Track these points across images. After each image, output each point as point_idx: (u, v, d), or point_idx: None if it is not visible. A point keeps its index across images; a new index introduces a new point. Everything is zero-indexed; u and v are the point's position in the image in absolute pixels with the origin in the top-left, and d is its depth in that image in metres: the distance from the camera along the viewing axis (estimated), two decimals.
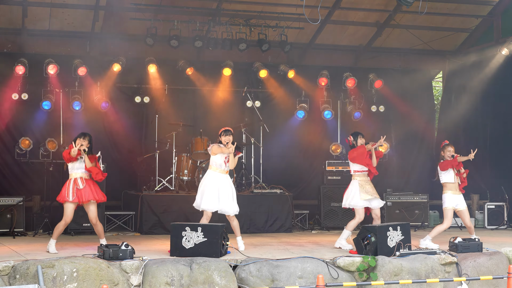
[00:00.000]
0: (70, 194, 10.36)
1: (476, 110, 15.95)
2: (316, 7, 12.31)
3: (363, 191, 11.17)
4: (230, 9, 14.70)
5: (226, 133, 10.56)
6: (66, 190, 10.40)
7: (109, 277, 8.93)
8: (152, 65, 14.71)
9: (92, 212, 10.55)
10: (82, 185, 10.39)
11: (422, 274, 9.69)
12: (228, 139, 10.51)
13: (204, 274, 9.14)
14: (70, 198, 10.34)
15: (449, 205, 11.22)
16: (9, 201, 13.01)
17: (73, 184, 10.40)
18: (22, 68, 13.90)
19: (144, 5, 14.20)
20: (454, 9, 15.33)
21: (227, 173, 10.71)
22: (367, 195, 11.15)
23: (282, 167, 15.79)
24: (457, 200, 11.29)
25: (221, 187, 10.57)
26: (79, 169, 10.47)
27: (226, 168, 10.67)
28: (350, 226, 11.25)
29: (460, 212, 11.35)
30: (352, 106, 15.91)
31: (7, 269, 8.83)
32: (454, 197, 11.26)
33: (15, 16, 14.03)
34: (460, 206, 11.28)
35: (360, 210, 11.22)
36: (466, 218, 11.39)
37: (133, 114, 15.14)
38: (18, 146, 13.95)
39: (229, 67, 15.15)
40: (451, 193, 11.26)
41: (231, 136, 10.55)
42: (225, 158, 10.61)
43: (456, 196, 11.29)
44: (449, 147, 11.43)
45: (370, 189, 11.24)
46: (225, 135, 10.55)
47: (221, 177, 10.61)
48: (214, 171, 10.65)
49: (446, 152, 11.41)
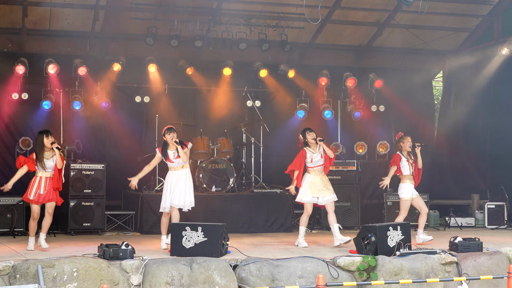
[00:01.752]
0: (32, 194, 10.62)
1: (476, 109, 15.94)
2: (316, 7, 12.30)
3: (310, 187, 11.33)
4: (230, 8, 14.69)
5: (170, 130, 10.87)
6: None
7: (109, 277, 8.93)
8: (152, 65, 14.70)
9: (50, 206, 10.75)
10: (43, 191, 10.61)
11: (422, 273, 9.69)
12: (172, 136, 10.82)
13: (204, 274, 9.15)
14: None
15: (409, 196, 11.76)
16: (9, 200, 13.01)
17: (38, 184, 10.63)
18: (22, 68, 13.90)
19: (144, 5, 14.20)
20: (454, 8, 15.33)
21: (183, 168, 10.92)
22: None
23: (282, 166, 15.69)
24: (412, 189, 11.75)
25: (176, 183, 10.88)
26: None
27: (179, 164, 10.89)
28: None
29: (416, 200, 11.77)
30: (352, 106, 15.91)
31: (7, 268, 8.83)
32: (410, 187, 11.76)
33: (15, 16, 14.02)
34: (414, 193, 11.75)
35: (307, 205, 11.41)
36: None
37: (133, 114, 15.13)
38: (18, 146, 13.95)
39: (229, 66, 15.15)
40: (409, 183, 11.75)
41: (174, 133, 10.87)
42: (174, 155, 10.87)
43: (411, 185, 11.74)
44: (407, 137, 11.67)
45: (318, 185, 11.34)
46: (168, 133, 10.85)
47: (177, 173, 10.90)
48: (170, 170, 10.99)
49: (406, 143, 11.65)
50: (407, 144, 11.70)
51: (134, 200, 13.83)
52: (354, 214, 14.55)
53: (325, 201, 11.33)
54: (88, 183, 13.28)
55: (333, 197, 11.37)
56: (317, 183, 11.33)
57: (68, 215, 13.07)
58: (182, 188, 10.86)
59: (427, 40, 15.82)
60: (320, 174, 11.40)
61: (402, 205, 11.75)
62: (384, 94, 16.12)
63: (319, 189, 11.31)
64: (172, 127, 10.93)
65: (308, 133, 11.40)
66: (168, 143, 10.87)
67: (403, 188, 11.77)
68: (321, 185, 11.33)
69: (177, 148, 10.76)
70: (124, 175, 14.73)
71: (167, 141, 10.87)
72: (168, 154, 10.89)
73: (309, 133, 11.39)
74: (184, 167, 10.90)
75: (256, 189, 14.33)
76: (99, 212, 13.28)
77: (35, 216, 10.65)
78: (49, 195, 10.64)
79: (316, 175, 11.39)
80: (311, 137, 11.36)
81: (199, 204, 13.50)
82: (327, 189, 11.35)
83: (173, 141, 10.76)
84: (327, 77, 15.65)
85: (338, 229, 11.29)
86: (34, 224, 10.70)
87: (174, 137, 10.78)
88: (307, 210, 11.40)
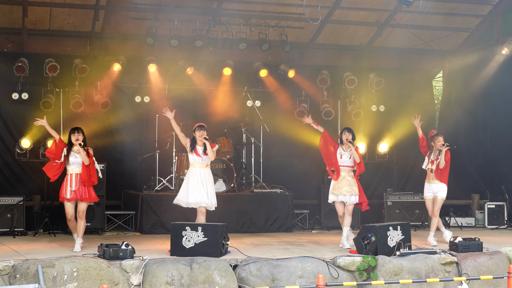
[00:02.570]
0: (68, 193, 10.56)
1: (476, 109, 15.94)
2: (316, 7, 12.29)
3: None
4: (230, 8, 14.69)
5: (200, 128, 10.98)
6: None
7: (109, 277, 8.93)
8: (152, 65, 14.70)
9: (81, 207, 10.71)
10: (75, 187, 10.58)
11: (422, 273, 9.70)
12: (202, 133, 10.93)
13: (204, 274, 9.15)
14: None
15: (424, 194, 11.68)
16: (9, 200, 13.01)
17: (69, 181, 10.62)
18: (23, 68, 13.91)
19: (144, 5, 14.20)
20: (454, 8, 15.31)
21: (207, 167, 10.98)
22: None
23: (283, 166, 15.80)
24: (432, 189, 11.51)
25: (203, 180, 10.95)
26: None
27: (205, 162, 10.97)
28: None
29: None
30: (352, 106, 15.91)
31: (7, 268, 8.84)
32: (427, 186, 11.62)
33: (15, 16, 14.02)
34: (437, 194, 11.62)
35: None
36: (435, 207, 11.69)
37: (133, 114, 15.12)
38: (18, 146, 13.96)
39: (229, 66, 15.15)
40: (426, 183, 11.64)
41: (204, 131, 10.97)
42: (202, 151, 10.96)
43: (430, 184, 11.56)
44: (439, 137, 11.62)
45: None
46: (199, 130, 10.95)
47: (202, 171, 10.96)
48: (193, 167, 11.00)
49: (437, 143, 11.60)
50: (438, 143, 11.68)
51: (134, 200, 13.84)
52: (354, 214, 14.46)
53: (346, 201, 11.46)
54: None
55: (353, 199, 11.43)
56: (343, 183, 11.42)
57: None
58: (210, 187, 10.95)
59: (427, 40, 15.81)
60: (348, 175, 11.46)
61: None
62: (384, 94, 16.12)
63: (342, 188, 11.38)
64: (203, 125, 11.01)
65: (344, 132, 11.56)
66: (197, 140, 10.94)
67: (424, 188, 11.85)
68: (346, 185, 11.38)
69: (205, 145, 10.83)
70: (124, 175, 14.85)
71: (196, 137, 10.94)
72: (196, 148, 10.96)
73: (345, 133, 11.55)
74: (207, 166, 10.96)
75: (256, 189, 14.33)
76: (99, 212, 13.28)
77: (68, 216, 10.70)
78: (81, 191, 10.63)
79: (344, 174, 11.46)
80: (345, 137, 11.50)
81: None
82: (351, 190, 11.38)
83: (203, 138, 10.85)
84: (327, 77, 15.66)
85: (347, 233, 11.31)
86: (72, 223, 10.77)
87: (204, 135, 10.90)
88: (337, 210, 11.56)
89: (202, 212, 10.83)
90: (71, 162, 10.70)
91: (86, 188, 10.69)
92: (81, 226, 10.76)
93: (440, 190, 11.67)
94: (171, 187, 14.05)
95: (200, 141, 10.90)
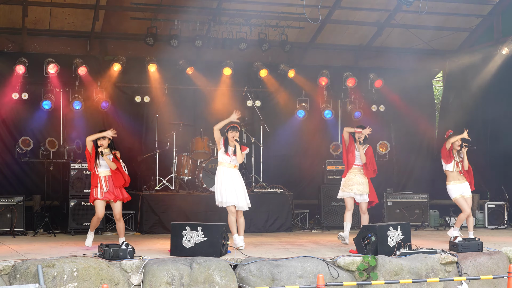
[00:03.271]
0: (99, 193, 10.79)
1: (477, 109, 15.94)
2: (316, 7, 12.31)
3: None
4: (230, 8, 14.70)
5: (233, 129, 10.93)
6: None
7: (109, 277, 8.93)
8: (152, 65, 14.70)
9: (117, 208, 10.92)
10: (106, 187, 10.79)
11: (422, 273, 9.69)
12: (234, 134, 10.88)
13: (205, 274, 9.15)
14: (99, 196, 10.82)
15: (454, 195, 11.55)
16: (10, 200, 13.01)
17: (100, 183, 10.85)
18: (23, 68, 13.90)
19: (144, 5, 14.22)
20: (454, 8, 15.32)
21: (235, 168, 10.94)
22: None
23: (283, 166, 15.80)
24: (462, 188, 11.51)
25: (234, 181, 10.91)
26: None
27: (233, 162, 10.92)
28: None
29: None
30: (352, 106, 15.91)
31: (7, 268, 8.83)
32: (456, 186, 11.51)
33: (15, 16, 14.03)
34: (465, 193, 11.62)
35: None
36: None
37: (133, 114, 15.13)
38: (19, 146, 13.96)
39: (229, 66, 15.15)
40: (454, 183, 11.51)
41: (237, 132, 10.93)
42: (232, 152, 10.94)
43: (459, 184, 11.46)
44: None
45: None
46: (232, 130, 10.90)
47: (231, 171, 10.92)
48: (222, 166, 10.96)
49: (455, 142, 11.56)
50: (456, 143, 11.65)
51: (134, 200, 13.80)
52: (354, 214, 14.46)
53: (358, 199, 11.59)
54: (89, 183, 13.21)
55: (365, 198, 11.55)
56: (353, 180, 11.51)
57: (68, 214, 13.07)
58: (241, 188, 10.89)
59: (427, 40, 15.81)
60: (359, 173, 11.56)
61: (459, 204, 11.79)
62: (384, 94, 16.12)
63: (352, 185, 11.49)
64: (237, 126, 11.02)
65: (360, 129, 11.64)
66: (229, 140, 10.96)
67: (449, 191, 11.79)
68: (356, 184, 11.49)
69: (236, 146, 10.83)
70: None
71: (228, 138, 10.95)
72: (228, 148, 10.96)
73: (357, 131, 11.62)
74: (236, 167, 10.97)
75: (256, 189, 14.33)
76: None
77: (99, 215, 10.89)
78: (112, 192, 10.80)
79: (355, 173, 11.55)
80: (357, 136, 11.60)
81: (199, 204, 13.56)
82: (362, 189, 11.48)
83: (234, 139, 10.86)
84: (327, 77, 15.65)
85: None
86: (97, 222, 10.99)
87: (236, 136, 10.89)
88: (347, 205, 11.66)
89: (231, 211, 10.78)
90: (100, 165, 10.85)
91: (118, 189, 10.87)
92: (120, 227, 10.99)
93: (468, 188, 11.78)
94: (171, 187, 14.05)
95: (232, 142, 10.88)
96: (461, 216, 11.78)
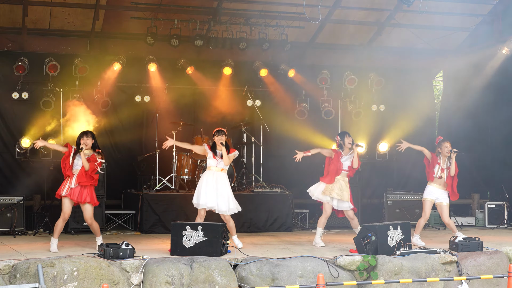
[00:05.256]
0: (64, 189, 10.41)
1: (477, 109, 15.93)
2: (316, 6, 12.30)
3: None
4: (230, 8, 14.70)
5: (219, 133, 10.92)
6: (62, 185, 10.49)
7: (109, 276, 8.93)
8: (152, 64, 14.71)
9: (87, 211, 10.50)
10: (74, 185, 10.40)
11: (422, 273, 9.70)
12: (220, 139, 10.86)
13: (205, 273, 9.15)
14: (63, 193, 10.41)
15: (427, 195, 11.44)
16: (10, 200, 13.01)
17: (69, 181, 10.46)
18: (23, 67, 13.91)
19: (145, 4, 14.23)
20: (454, 8, 15.28)
21: (222, 171, 10.89)
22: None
23: (283, 166, 15.78)
24: (438, 194, 11.41)
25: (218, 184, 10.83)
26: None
27: (220, 166, 10.89)
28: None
29: (439, 206, 11.48)
30: (352, 106, 15.91)
31: (7, 268, 8.84)
32: (435, 190, 11.43)
33: (15, 15, 14.03)
34: (443, 200, 11.43)
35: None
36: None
37: (133, 113, 15.13)
38: (18, 146, 13.96)
39: (229, 66, 15.16)
40: (434, 185, 11.43)
41: (223, 136, 10.90)
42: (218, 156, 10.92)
43: (438, 189, 11.42)
44: (445, 143, 11.49)
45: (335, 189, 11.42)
46: (218, 134, 10.90)
47: (216, 174, 10.87)
48: (209, 170, 10.96)
49: (444, 149, 11.46)
50: (445, 150, 11.51)
51: (135, 199, 13.84)
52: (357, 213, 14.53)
53: (338, 207, 11.50)
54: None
55: (346, 206, 11.48)
56: (335, 186, 11.43)
57: None
58: (226, 192, 10.85)
59: (427, 40, 15.81)
60: (342, 179, 11.48)
61: (423, 205, 11.58)
62: (384, 94, 16.11)
63: (333, 190, 11.41)
64: (222, 130, 11.02)
65: (347, 136, 11.57)
66: (217, 144, 10.95)
67: (427, 189, 11.54)
68: (338, 189, 11.41)
69: (222, 150, 10.84)
70: (124, 174, 14.87)
71: (215, 141, 10.95)
72: (216, 152, 10.96)
73: (348, 137, 11.55)
74: (223, 171, 10.93)
75: (257, 188, 14.34)
76: (99, 212, 13.23)
77: (65, 215, 10.46)
78: (78, 191, 10.37)
79: (339, 178, 11.47)
80: (348, 141, 11.51)
81: None
82: (341, 194, 11.40)
83: (219, 142, 10.85)
84: (327, 76, 15.65)
85: (321, 233, 11.55)
86: (62, 224, 10.50)
87: (222, 140, 10.88)
88: (325, 210, 11.53)
89: (200, 214, 10.76)
90: (75, 164, 10.53)
91: (87, 191, 10.45)
92: (94, 228, 10.60)
93: (446, 197, 11.49)
94: (171, 186, 14.05)
95: (219, 146, 10.89)
96: (421, 222, 11.48)
